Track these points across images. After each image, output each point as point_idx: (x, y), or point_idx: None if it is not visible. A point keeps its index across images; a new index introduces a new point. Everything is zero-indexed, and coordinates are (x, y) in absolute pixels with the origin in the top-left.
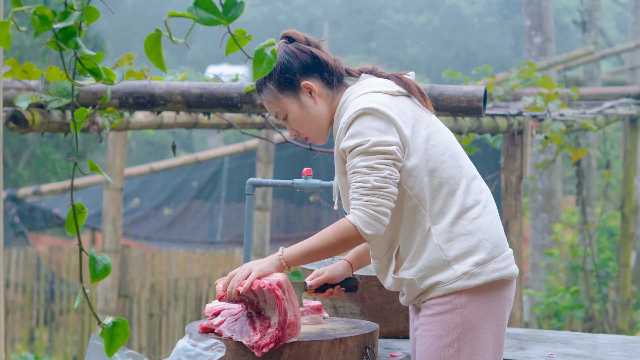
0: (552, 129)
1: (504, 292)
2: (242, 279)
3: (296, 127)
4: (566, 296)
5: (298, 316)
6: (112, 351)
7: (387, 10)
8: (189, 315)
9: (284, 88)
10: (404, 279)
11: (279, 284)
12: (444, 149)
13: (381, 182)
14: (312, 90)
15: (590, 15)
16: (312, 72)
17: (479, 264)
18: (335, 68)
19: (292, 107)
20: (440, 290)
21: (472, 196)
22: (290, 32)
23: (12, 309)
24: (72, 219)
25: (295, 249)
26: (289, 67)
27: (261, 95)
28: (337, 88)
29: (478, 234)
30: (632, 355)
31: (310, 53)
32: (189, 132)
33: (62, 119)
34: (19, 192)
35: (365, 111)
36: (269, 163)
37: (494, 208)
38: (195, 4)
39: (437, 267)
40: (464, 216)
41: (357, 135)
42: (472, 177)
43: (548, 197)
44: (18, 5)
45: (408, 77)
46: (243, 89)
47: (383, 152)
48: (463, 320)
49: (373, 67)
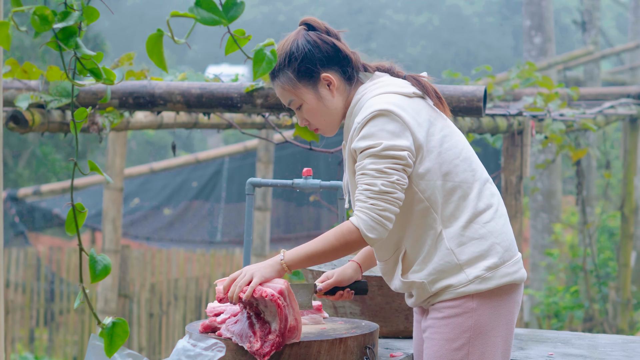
0: (552, 129)
1: (514, 295)
2: (244, 284)
3: (309, 118)
4: (566, 296)
5: (299, 319)
6: (112, 351)
7: (387, 10)
8: (189, 315)
9: (303, 77)
10: (415, 282)
11: (281, 293)
12: (457, 152)
13: (389, 186)
14: (331, 83)
15: (590, 15)
16: (333, 65)
17: (490, 268)
18: (354, 62)
19: (308, 97)
20: (451, 293)
21: (484, 200)
22: (311, 19)
23: (12, 309)
24: (72, 219)
25: (297, 252)
26: (310, 57)
27: (276, 81)
28: (354, 83)
29: (490, 238)
30: (632, 355)
31: (333, 44)
32: (189, 132)
33: (62, 119)
34: (19, 192)
35: (380, 112)
36: (269, 163)
37: (505, 212)
38: (196, 4)
39: (448, 271)
40: (476, 220)
41: (370, 137)
42: (485, 181)
43: (548, 197)
44: (18, 5)
45: (425, 78)
46: (243, 89)
47: (394, 157)
48: (473, 324)
49: (391, 65)
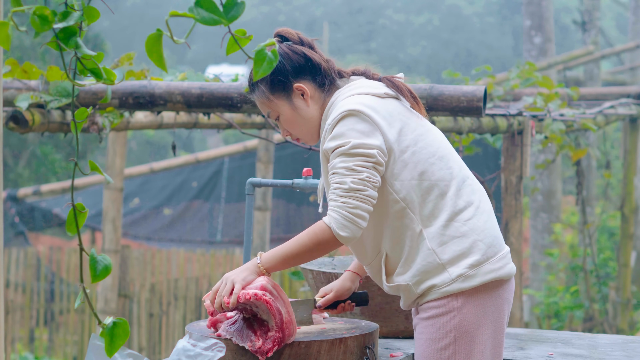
0: (552, 129)
1: (501, 292)
2: (227, 293)
3: (288, 128)
4: (566, 296)
5: (291, 312)
6: (112, 351)
7: (387, 10)
8: (189, 315)
9: (276, 90)
10: (400, 285)
11: (264, 288)
12: (433, 151)
13: (359, 184)
14: (305, 93)
15: (590, 15)
16: (305, 74)
17: (473, 266)
18: (327, 70)
19: (283, 109)
20: (435, 293)
21: (464, 197)
22: (283, 30)
23: (12, 309)
24: (73, 219)
25: (273, 254)
26: (281, 69)
27: (253, 95)
28: (328, 90)
29: (472, 236)
30: (632, 355)
31: (303, 54)
32: (189, 132)
33: (62, 119)
34: (19, 192)
35: (349, 112)
36: (269, 163)
37: (488, 208)
38: (196, 4)
39: (431, 271)
40: (457, 218)
41: (340, 137)
42: (464, 178)
43: (548, 197)
44: (18, 5)
45: (399, 79)
46: (243, 89)
47: (363, 155)
48: (458, 323)
49: (366, 68)
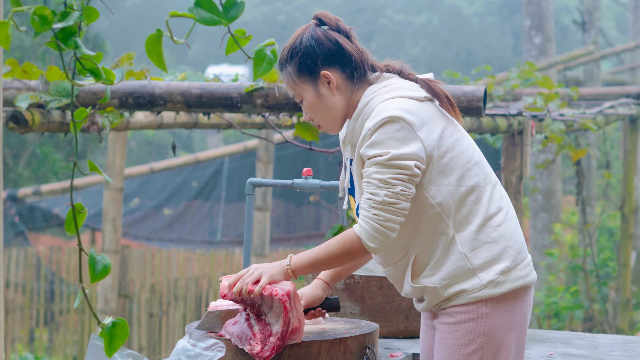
0: (552, 129)
1: (526, 298)
2: (252, 282)
3: (310, 114)
4: (566, 296)
5: (302, 320)
6: (112, 351)
7: (387, 10)
8: (189, 315)
9: (303, 73)
10: (427, 287)
11: (289, 295)
12: (469, 156)
13: (392, 197)
14: (331, 81)
15: (590, 15)
16: (334, 63)
17: (503, 272)
18: (359, 62)
19: (308, 94)
20: (464, 298)
21: (495, 203)
22: (322, 14)
23: (12, 309)
24: (72, 219)
25: (301, 258)
26: (311, 53)
27: (282, 74)
28: (358, 83)
29: (502, 242)
30: (632, 355)
31: (336, 42)
32: (189, 132)
33: (62, 119)
34: (19, 192)
35: (390, 119)
36: (269, 163)
37: (515, 214)
38: (196, 4)
39: (461, 275)
40: (488, 223)
41: (379, 145)
42: (495, 184)
43: (548, 197)
44: (18, 5)
45: (437, 83)
46: (243, 89)
47: (399, 167)
48: (487, 329)
49: (401, 66)
